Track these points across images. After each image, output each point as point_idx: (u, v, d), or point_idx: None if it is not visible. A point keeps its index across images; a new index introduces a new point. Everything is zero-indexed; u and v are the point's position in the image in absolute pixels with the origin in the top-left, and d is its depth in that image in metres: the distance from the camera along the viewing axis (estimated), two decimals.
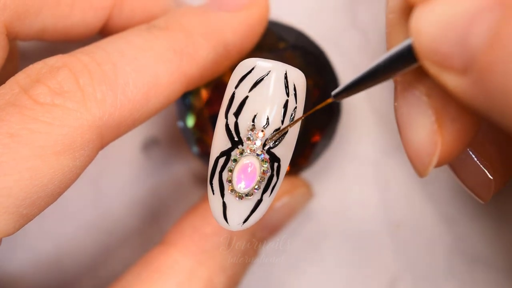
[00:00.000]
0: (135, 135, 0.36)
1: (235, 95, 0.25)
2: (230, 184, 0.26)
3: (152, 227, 0.36)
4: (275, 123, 0.25)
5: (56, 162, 0.25)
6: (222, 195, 0.26)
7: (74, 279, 0.36)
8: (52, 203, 0.26)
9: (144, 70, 0.27)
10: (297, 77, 0.25)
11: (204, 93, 0.32)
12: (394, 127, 0.36)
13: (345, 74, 0.35)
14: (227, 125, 0.26)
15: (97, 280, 0.36)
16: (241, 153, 0.26)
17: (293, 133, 0.26)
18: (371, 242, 0.36)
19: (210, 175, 0.26)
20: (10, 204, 0.24)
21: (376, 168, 0.36)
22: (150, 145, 0.36)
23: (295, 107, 0.25)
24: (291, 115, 0.25)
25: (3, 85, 0.26)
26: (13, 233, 0.25)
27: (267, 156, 0.26)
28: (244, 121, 0.25)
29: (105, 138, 0.26)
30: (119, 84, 0.26)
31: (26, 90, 0.25)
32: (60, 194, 0.26)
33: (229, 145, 0.26)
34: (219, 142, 0.26)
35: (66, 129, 0.25)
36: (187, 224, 0.31)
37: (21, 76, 0.26)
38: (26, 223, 0.25)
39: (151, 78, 0.27)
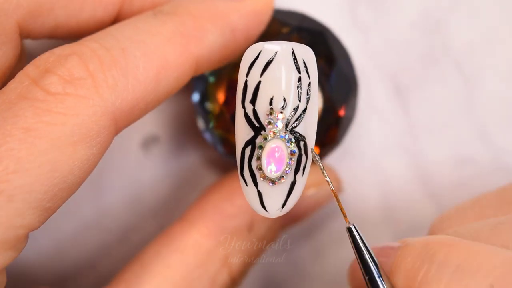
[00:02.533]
0: (135, 133, 0.36)
1: (248, 83, 0.25)
2: (261, 171, 0.26)
3: (151, 225, 0.36)
4: (292, 102, 0.25)
5: (74, 153, 0.25)
6: (255, 184, 0.26)
7: (74, 276, 0.36)
8: (73, 193, 0.26)
9: (153, 53, 0.27)
10: (305, 52, 0.26)
11: (221, 96, 0.32)
12: (395, 127, 0.36)
13: None
14: (246, 114, 0.26)
15: (97, 278, 0.35)
16: (265, 139, 0.26)
17: (313, 108, 0.26)
18: (371, 241, 0.36)
19: (240, 167, 0.26)
20: (33, 199, 0.24)
21: (376, 167, 0.36)
22: (150, 142, 0.36)
23: (309, 82, 0.26)
24: (307, 91, 0.26)
25: (13, 80, 0.26)
26: (38, 227, 0.25)
27: (291, 136, 0.26)
28: (262, 106, 0.25)
29: (119, 123, 0.26)
30: (130, 68, 0.26)
31: (36, 81, 0.25)
32: (80, 183, 0.26)
33: (251, 133, 0.26)
34: (242, 132, 0.26)
35: (80, 118, 0.25)
36: (209, 204, 0.31)
37: (29, 68, 0.26)
38: (50, 216, 0.25)
39: (160, 61, 0.27)
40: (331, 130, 0.33)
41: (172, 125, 0.36)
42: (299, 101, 0.25)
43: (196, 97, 0.33)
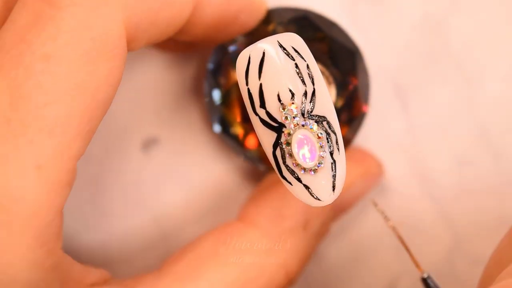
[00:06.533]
0: (136, 134, 0.36)
1: (251, 91, 0.26)
2: (298, 166, 0.26)
3: (152, 228, 0.36)
4: (298, 89, 0.25)
5: (96, 70, 0.24)
6: (299, 180, 0.26)
7: None
8: (106, 111, 0.25)
9: None
10: (291, 38, 0.26)
11: (238, 117, 0.33)
12: (394, 127, 0.36)
13: None
14: (261, 120, 0.26)
15: None
16: (289, 134, 0.26)
17: (322, 86, 0.26)
18: (371, 242, 0.36)
19: (278, 171, 0.26)
20: (72, 128, 0.24)
21: None
22: (150, 144, 0.36)
23: (307, 65, 0.26)
24: (308, 74, 0.26)
25: (17, 4, 0.24)
26: (84, 152, 0.25)
27: (312, 121, 0.26)
28: (273, 106, 0.25)
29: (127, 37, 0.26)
30: None
31: None
32: (112, 97, 0.25)
33: (274, 134, 0.26)
34: (265, 138, 0.26)
35: (94, 31, 0.24)
36: (265, 204, 0.31)
37: None
38: (91, 138, 0.25)
39: None
40: (354, 101, 0.33)
41: (173, 125, 0.36)
42: (305, 85, 0.26)
43: (217, 128, 0.33)
